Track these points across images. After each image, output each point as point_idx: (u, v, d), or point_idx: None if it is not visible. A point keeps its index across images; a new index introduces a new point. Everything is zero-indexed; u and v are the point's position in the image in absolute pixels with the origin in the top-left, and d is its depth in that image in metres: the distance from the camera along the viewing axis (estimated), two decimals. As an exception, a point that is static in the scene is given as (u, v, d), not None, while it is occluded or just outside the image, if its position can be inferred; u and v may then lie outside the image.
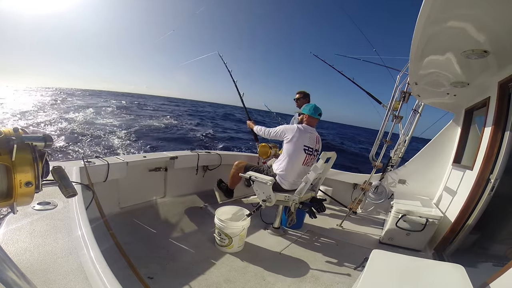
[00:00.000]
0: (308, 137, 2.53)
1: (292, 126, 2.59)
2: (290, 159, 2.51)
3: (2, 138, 0.51)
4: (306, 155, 2.52)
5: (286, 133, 2.53)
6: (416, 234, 2.64)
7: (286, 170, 2.52)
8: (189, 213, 2.97)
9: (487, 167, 2.34)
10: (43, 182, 0.59)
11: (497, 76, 2.27)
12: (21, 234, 1.03)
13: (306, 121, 2.65)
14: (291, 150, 2.50)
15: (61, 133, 11.89)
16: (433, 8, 1.41)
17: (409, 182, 3.58)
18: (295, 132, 2.49)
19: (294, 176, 2.55)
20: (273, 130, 2.66)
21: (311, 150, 2.55)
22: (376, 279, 1.24)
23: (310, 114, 2.62)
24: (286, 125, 2.65)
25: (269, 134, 2.73)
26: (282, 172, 2.53)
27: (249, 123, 3.17)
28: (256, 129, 2.95)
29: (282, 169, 2.53)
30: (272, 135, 2.69)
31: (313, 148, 2.57)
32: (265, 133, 2.78)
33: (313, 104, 2.67)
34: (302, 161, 2.52)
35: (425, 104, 3.71)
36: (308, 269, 2.14)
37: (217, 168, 3.64)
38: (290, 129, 2.55)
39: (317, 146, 2.62)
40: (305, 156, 2.52)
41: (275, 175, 2.56)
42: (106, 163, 2.38)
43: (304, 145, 2.50)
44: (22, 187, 0.52)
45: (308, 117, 2.63)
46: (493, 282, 1.47)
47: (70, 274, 0.86)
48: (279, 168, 2.56)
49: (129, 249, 1.93)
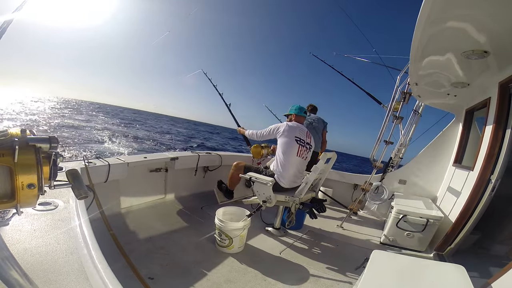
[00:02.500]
0: (298, 130, 2.67)
1: (282, 123, 2.73)
2: (285, 152, 2.59)
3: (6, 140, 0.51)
4: (298, 145, 2.62)
5: (277, 128, 2.68)
6: (417, 235, 2.64)
7: (282, 166, 2.57)
8: (189, 213, 2.97)
9: (488, 168, 2.34)
10: (56, 184, 0.59)
11: (498, 77, 2.27)
12: (22, 234, 1.03)
13: (294, 119, 2.85)
14: (284, 143, 2.61)
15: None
16: (433, 8, 1.41)
17: (410, 183, 3.58)
18: (286, 126, 2.65)
19: (292, 170, 2.58)
20: (265, 130, 2.81)
21: (303, 141, 2.65)
22: (377, 280, 1.23)
23: (296, 113, 2.86)
24: (273, 126, 2.79)
25: (261, 135, 2.87)
26: (279, 168, 2.58)
27: (240, 130, 3.30)
28: (247, 133, 3.08)
29: (279, 165, 2.59)
30: (264, 135, 2.83)
31: (304, 140, 2.67)
32: (258, 135, 2.92)
33: (298, 105, 2.91)
34: (296, 151, 2.60)
35: (425, 105, 3.71)
36: (308, 269, 2.14)
37: (218, 169, 3.64)
38: (280, 125, 2.71)
39: (308, 140, 2.73)
40: (298, 146, 2.61)
41: (273, 174, 2.57)
42: (107, 163, 2.38)
43: (295, 136, 2.62)
44: (25, 189, 0.52)
45: (295, 116, 2.86)
46: (494, 282, 1.47)
47: (71, 274, 0.87)
48: (275, 165, 2.62)
49: (129, 249, 1.93)
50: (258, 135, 2.91)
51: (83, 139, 13.46)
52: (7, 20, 0.61)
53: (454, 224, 2.52)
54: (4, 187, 0.52)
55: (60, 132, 14.77)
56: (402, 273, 1.28)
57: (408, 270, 1.32)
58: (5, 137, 0.51)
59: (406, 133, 3.69)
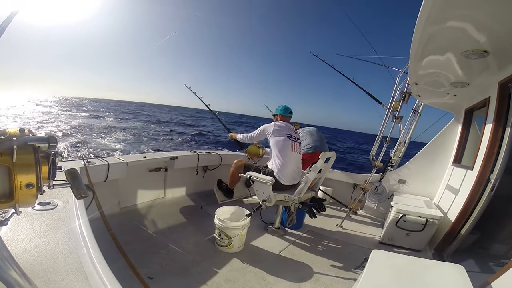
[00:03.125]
0: (286, 128, 2.78)
1: (270, 123, 2.84)
2: (280, 149, 2.65)
3: (4, 139, 0.50)
4: (291, 141, 2.70)
5: (267, 129, 2.77)
6: (416, 234, 2.64)
7: (281, 163, 2.61)
8: (189, 213, 2.97)
9: (487, 167, 2.34)
10: (55, 183, 0.59)
11: (497, 76, 2.27)
12: (21, 234, 1.03)
13: (280, 119, 2.97)
14: (276, 141, 2.68)
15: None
16: (433, 8, 1.41)
17: (409, 182, 3.58)
18: (274, 126, 2.76)
19: (290, 166, 2.62)
20: (255, 132, 2.91)
21: (294, 137, 2.76)
22: (376, 279, 1.24)
23: (282, 113, 2.98)
24: (262, 126, 2.87)
25: (252, 137, 2.97)
26: (278, 166, 2.61)
27: (231, 135, 3.36)
28: (239, 137, 3.14)
29: (277, 163, 2.62)
30: (255, 137, 2.94)
31: (294, 136, 2.78)
32: (249, 138, 3.01)
33: (283, 105, 3.03)
34: (290, 147, 2.68)
35: (425, 104, 3.71)
36: (308, 269, 2.14)
37: (217, 168, 3.64)
38: (268, 125, 2.82)
39: (296, 135, 2.85)
40: (290, 142, 2.69)
41: (273, 172, 2.58)
42: (106, 163, 2.38)
43: (286, 133, 2.71)
44: (23, 189, 0.52)
45: (281, 116, 2.98)
46: (494, 282, 1.47)
47: (70, 274, 0.86)
48: (274, 163, 2.66)
49: (129, 249, 1.93)
50: (249, 137, 3.00)
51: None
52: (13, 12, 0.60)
53: (453, 223, 2.52)
54: (2, 187, 0.51)
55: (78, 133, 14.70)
56: (402, 273, 1.29)
57: (408, 269, 1.32)
58: (3, 136, 0.51)
59: (405, 133, 3.69)
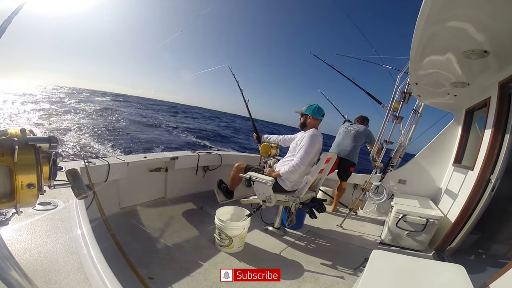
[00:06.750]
0: (321, 141, 2.53)
1: (317, 142, 2.44)
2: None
3: (6, 139, 0.51)
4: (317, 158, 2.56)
5: (318, 151, 2.50)
6: (417, 235, 2.64)
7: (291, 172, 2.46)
8: (189, 213, 2.97)
9: (488, 167, 2.34)
10: (56, 183, 0.59)
11: (498, 76, 2.27)
12: (22, 234, 1.03)
13: (311, 122, 2.56)
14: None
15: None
16: (433, 8, 1.41)
17: (410, 183, 3.58)
18: (320, 142, 2.48)
19: (299, 175, 2.52)
20: (305, 157, 2.38)
21: (320, 152, 2.56)
22: (377, 280, 1.24)
23: (313, 115, 2.54)
24: (309, 142, 2.39)
25: (303, 163, 2.38)
26: (286, 173, 2.46)
27: (269, 171, 2.55)
28: (284, 171, 2.43)
29: (287, 171, 2.46)
30: (306, 162, 2.40)
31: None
32: (299, 166, 2.38)
33: (316, 105, 2.57)
34: (312, 164, 2.55)
35: (425, 105, 3.71)
36: (308, 269, 2.14)
37: (218, 169, 3.64)
38: (318, 145, 2.44)
39: None
40: (316, 159, 2.56)
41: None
42: (107, 163, 2.38)
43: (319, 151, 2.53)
44: (24, 189, 0.53)
45: (311, 118, 2.55)
46: (494, 282, 1.47)
47: (71, 274, 0.87)
48: (284, 167, 2.47)
49: (129, 249, 1.93)
50: (299, 165, 2.37)
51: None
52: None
53: (453, 224, 2.52)
54: (3, 187, 0.52)
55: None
56: (402, 273, 1.29)
57: (408, 269, 1.32)
58: (5, 136, 0.51)
59: (406, 133, 3.69)
